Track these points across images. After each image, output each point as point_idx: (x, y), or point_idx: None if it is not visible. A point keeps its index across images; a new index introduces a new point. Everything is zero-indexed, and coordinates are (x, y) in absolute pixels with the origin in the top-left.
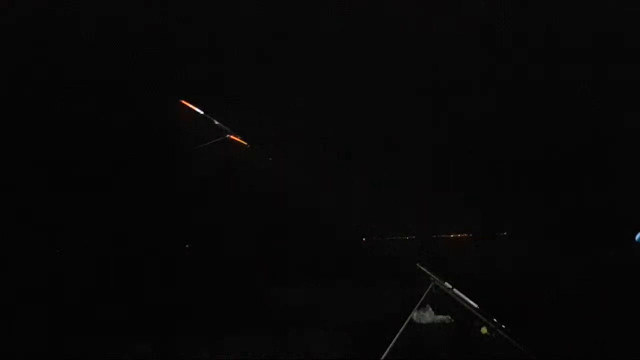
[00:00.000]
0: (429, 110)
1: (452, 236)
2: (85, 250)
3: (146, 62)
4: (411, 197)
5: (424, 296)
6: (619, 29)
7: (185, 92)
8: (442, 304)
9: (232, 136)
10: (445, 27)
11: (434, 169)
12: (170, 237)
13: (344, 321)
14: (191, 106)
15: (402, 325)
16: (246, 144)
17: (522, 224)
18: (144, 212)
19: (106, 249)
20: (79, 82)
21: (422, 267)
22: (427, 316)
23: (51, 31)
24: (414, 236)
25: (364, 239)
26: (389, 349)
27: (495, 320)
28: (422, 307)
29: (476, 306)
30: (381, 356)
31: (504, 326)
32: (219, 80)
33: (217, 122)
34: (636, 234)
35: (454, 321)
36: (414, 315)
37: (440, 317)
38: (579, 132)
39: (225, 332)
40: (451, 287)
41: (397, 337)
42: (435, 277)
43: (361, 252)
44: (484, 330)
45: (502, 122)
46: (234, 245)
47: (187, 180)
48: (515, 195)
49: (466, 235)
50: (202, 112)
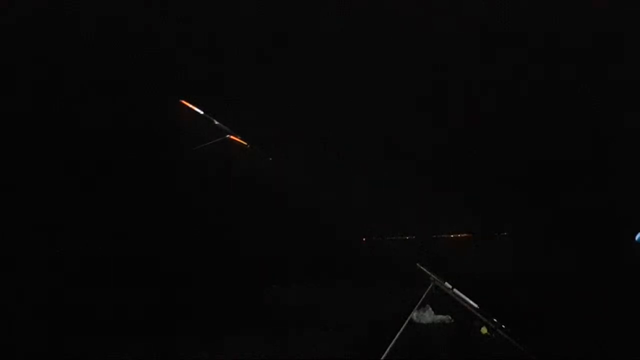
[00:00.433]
0: (429, 110)
1: (452, 236)
2: (85, 250)
3: (146, 62)
4: (411, 197)
5: (424, 296)
6: (619, 29)
7: (185, 92)
8: (442, 304)
9: (232, 136)
10: (445, 27)
11: (434, 169)
12: (170, 237)
13: (344, 321)
14: (191, 106)
15: (402, 325)
16: (246, 144)
17: (522, 224)
18: (143, 212)
19: (106, 249)
20: (79, 82)
21: (422, 267)
22: (427, 316)
23: (51, 31)
24: (414, 236)
25: (364, 239)
26: (389, 349)
27: (495, 320)
28: (422, 307)
29: (476, 306)
30: (381, 356)
31: (504, 326)
32: (219, 80)
33: (217, 122)
34: (636, 234)
35: (454, 321)
36: (414, 315)
37: (440, 317)
38: (579, 131)
39: (225, 332)
40: (451, 287)
41: (397, 337)
42: (435, 277)
43: (361, 252)
44: (484, 330)
45: (502, 122)
46: (234, 245)
47: (187, 180)
48: (515, 195)
49: (466, 235)
50: (202, 112)
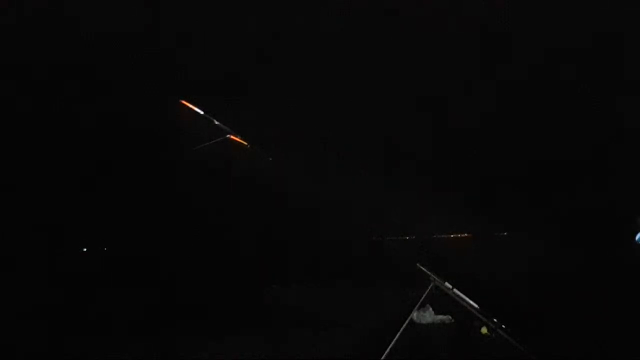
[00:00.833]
0: (429, 110)
1: (452, 236)
2: (85, 250)
3: (146, 62)
4: (411, 197)
5: (424, 296)
6: (619, 29)
7: (185, 92)
8: (442, 304)
9: (232, 136)
10: (445, 27)
11: (434, 169)
12: (170, 237)
13: (344, 321)
14: (191, 106)
15: (402, 325)
16: (246, 144)
17: (522, 224)
18: (143, 212)
19: (105, 249)
20: (79, 82)
21: (422, 267)
22: (427, 316)
23: (51, 31)
24: (414, 236)
25: (365, 239)
26: (389, 349)
27: (495, 320)
28: (422, 307)
29: (476, 306)
30: (381, 356)
31: (504, 326)
32: (219, 80)
33: (217, 122)
34: (636, 234)
35: (454, 321)
36: (414, 315)
37: (440, 317)
38: (579, 131)
39: (225, 332)
40: (451, 287)
41: (397, 337)
42: (435, 277)
43: (361, 252)
44: (484, 330)
45: (502, 122)
46: (234, 245)
47: (187, 180)
48: (515, 195)
49: (466, 235)
50: (202, 112)
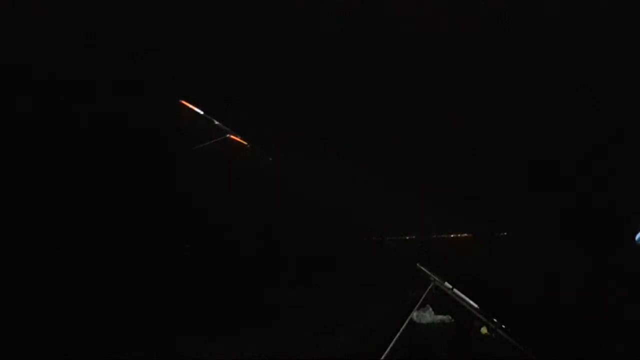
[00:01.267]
0: (429, 110)
1: (452, 236)
2: (85, 250)
3: (146, 62)
4: (411, 197)
5: (424, 296)
6: (619, 29)
7: (185, 92)
8: (442, 304)
9: (232, 136)
10: (445, 27)
11: (434, 169)
12: (170, 237)
13: (344, 321)
14: (191, 106)
15: (402, 325)
16: (246, 144)
17: (522, 224)
18: (144, 212)
19: (106, 249)
20: (79, 83)
21: (422, 267)
22: (427, 316)
23: (51, 31)
24: (414, 236)
25: (364, 239)
26: (389, 349)
27: (495, 320)
28: (422, 307)
29: (476, 306)
30: (381, 356)
31: (504, 326)
32: (219, 80)
33: (217, 122)
34: (636, 234)
35: (454, 321)
36: (414, 315)
37: (440, 317)
38: (579, 132)
39: (225, 332)
40: (451, 287)
41: (397, 337)
42: (435, 277)
43: (361, 252)
44: (484, 330)
45: (502, 122)
46: (234, 245)
47: (188, 180)
48: (515, 195)
49: (466, 235)
50: (202, 113)
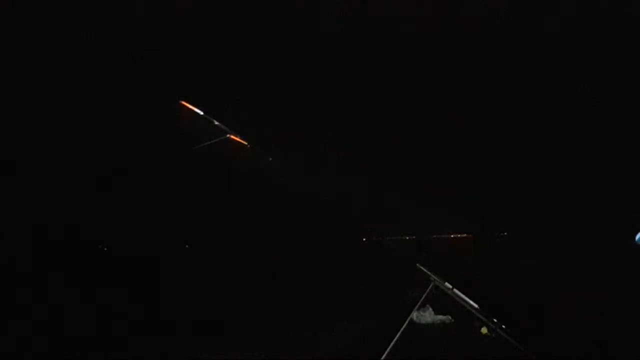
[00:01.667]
0: (429, 110)
1: (452, 236)
2: (85, 250)
3: (146, 62)
4: (411, 197)
5: (424, 296)
6: (619, 29)
7: (185, 92)
8: (442, 304)
9: (232, 136)
10: (445, 27)
11: (434, 169)
12: (170, 236)
13: (344, 321)
14: (191, 107)
15: (402, 325)
16: (246, 144)
17: (522, 224)
18: (144, 211)
19: (106, 249)
20: (79, 83)
21: (422, 267)
22: (427, 316)
23: (51, 31)
24: (414, 236)
25: (364, 239)
26: (389, 349)
27: (495, 320)
28: (422, 307)
29: (476, 306)
30: (381, 356)
31: (504, 326)
32: (219, 80)
33: (216, 123)
34: (636, 234)
35: (454, 321)
36: (414, 315)
37: (440, 317)
38: (579, 132)
39: (225, 332)
40: (451, 287)
41: (397, 337)
42: (435, 277)
43: (361, 252)
44: (484, 330)
45: (502, 122)
46: (234, 245)
47: (188, 180)
48: (515, 195)
49: (466, 235)
50: (202, 113)
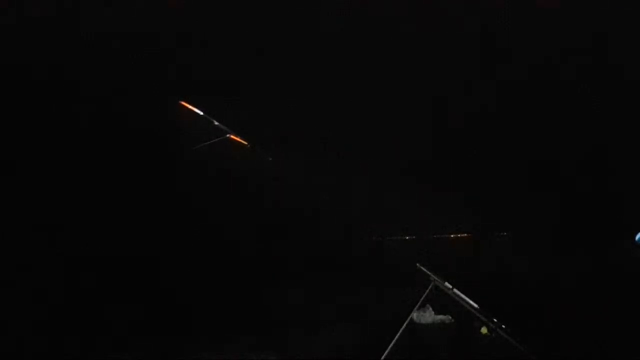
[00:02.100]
0: (428, 110)
1: (452, 236)
2: (85, 250)
3: (146, 62)
4: (411, 197)
5: (424, 296)
6: (619, 29)
7: (185, 92)
8: (442, 304)
9: (232, 136)
10: (445, 27)
11: (434, 169)
12: (169, 237)
13: (344, 321)
14: (191, 107)
15: (402, 325)
16: (246, 144)
17: (522, 224)
18: (143, 212)
19: (106, 249)
20: (79, 83)
21: (422, 267)
22: (427, 316)
23: (51, 31)
24: (414, 236)
25: (364, 239)
26: (389, 349)
27: (495, 320)
28: (422, 307)
29: (476, 306)
30: (381, 356)
31: (504, 326)
32: (219, 80)
33: (216, 123)
34: (636, 234)
35: (454, 321)
36: (414, 315)
37: (440, 317)
38: (579, 131)
39: (225, 332)
40: (451, 287)
41: (397, 337)
42: (435, 277)
43: (361, 252)
44: (484, 330)
45: (502, 122)
46: (234, 245)
47: (187, 180)
48: (515, 195)
49: (466, 235)
50: (202, 113)
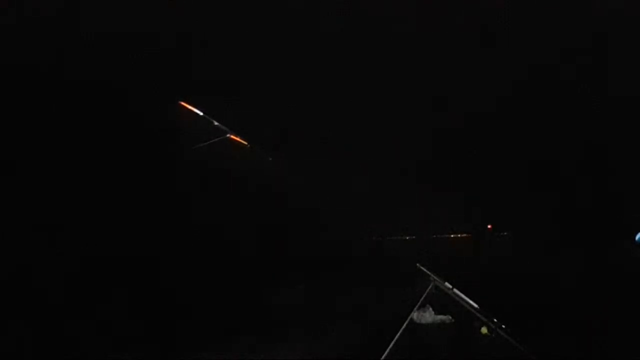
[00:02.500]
0: (429, 110)
1: (452, 236)
2: (85, 250)
3: (146, 62)
4: (411, 197)
5: (424, 296)
6: (619, 29)
7: (185, 92)
8: (442, 304)
9: (232, 136)
10: (445, 27)
11: (434, 169)
12: (169, 237)
13: (344, 321)
14: (190, 107)
15: (402, 325)
16: (246, 144)
17: (522, 224)
18: (143, 212)
19: (106, 250)
20: (79, 83)
21: (422, 267)
22: (427, 316)
23: (51, 31)
24: (414, 236)
25: (364, 239)
26: (389, 349)
27: (495, 320)
28: (422, 307)
29: (476, 306)
30: (381, 356)
31: (504, 326)
32: (219, 80)
33: (216, 123)
34: (636, 234)
35: (454, 321)
36: (414, 315)
37: (440, 317)
38: (579, 132)
39: (225, 332)
40: (451, 287)
41: (397, 337)
42: (435, 277)
43: (361, 252)
44: (484, 330)
45: (502, 122)
46: (234, 245)
47: (187, 180)
48: (515, 195)
49: (466, 235)
50: (202, 113)
